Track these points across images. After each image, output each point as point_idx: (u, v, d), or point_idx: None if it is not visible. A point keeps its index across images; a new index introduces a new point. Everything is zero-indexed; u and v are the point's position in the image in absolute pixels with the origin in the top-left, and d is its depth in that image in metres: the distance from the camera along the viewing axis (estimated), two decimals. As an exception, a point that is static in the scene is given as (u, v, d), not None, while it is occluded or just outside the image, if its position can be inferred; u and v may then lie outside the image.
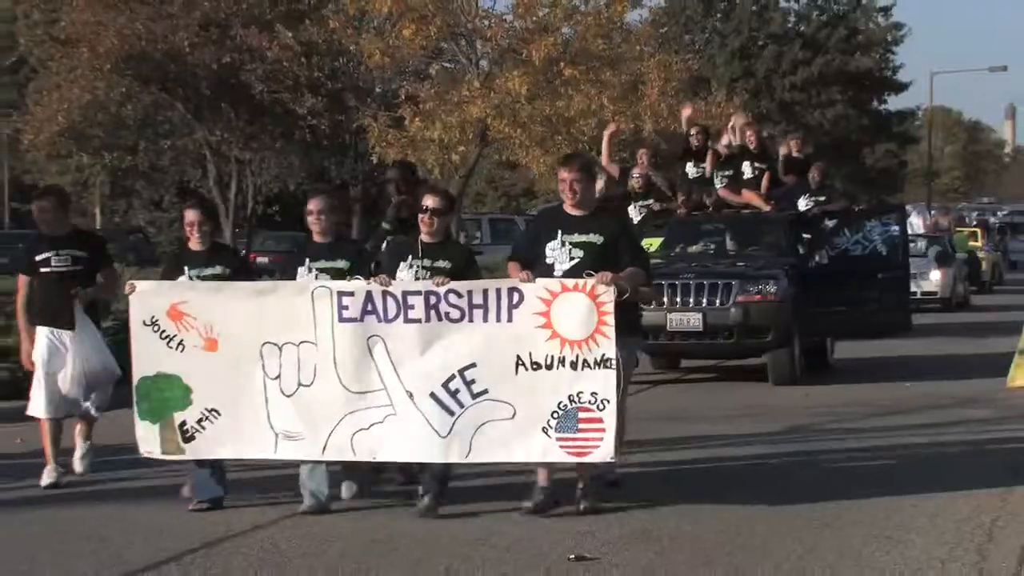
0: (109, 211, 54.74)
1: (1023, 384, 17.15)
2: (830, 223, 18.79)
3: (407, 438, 9.35)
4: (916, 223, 37.19)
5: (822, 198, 19.29)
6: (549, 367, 9.20)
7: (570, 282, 9.29)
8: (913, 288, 26.83)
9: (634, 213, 18.75)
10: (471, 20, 28.76)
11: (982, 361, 19.77)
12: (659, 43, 39.48)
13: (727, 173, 19.38)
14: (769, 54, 60.88)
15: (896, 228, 18.79)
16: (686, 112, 21.20)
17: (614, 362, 9.12)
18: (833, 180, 24.17)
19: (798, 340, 17.52)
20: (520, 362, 9.24)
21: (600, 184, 17.18)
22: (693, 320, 17.08)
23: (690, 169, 19.69)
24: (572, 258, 9.53)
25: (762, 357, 17.53)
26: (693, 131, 20.00)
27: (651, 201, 19.34)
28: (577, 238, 9.56)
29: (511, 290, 9.32)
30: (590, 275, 9.25)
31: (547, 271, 9.51)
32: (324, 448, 9.42)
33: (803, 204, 19.17)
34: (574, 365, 9.16)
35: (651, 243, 17.96)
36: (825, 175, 19.83)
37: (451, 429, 9.27)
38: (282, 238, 40.11)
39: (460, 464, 9.53)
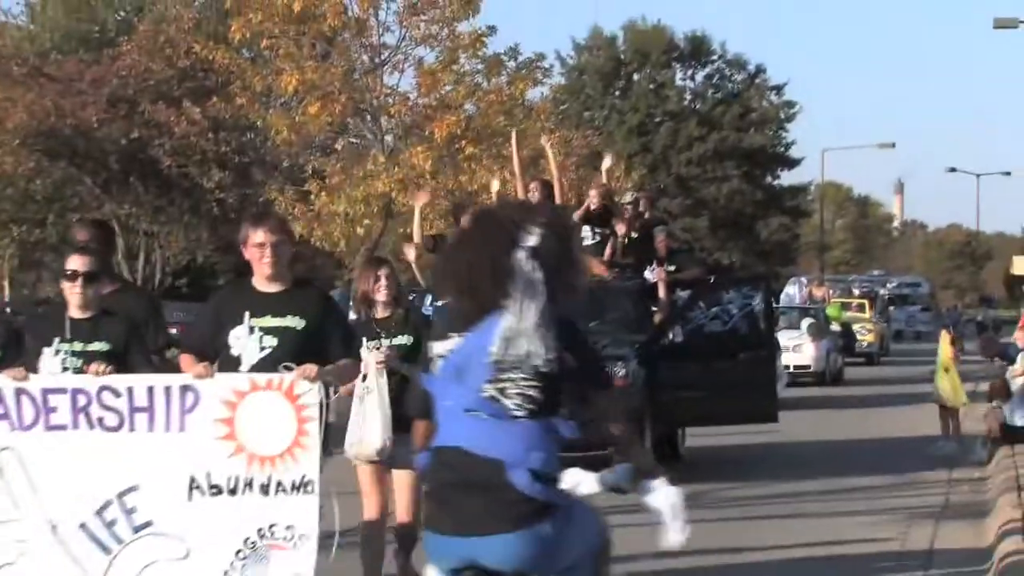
0: (18, 284, 54.15)
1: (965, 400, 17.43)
2: (683, 295, 16.00)
3: None
4: (793, 294, 36.42)
5: (671, 268, 16.25)
6: (233, 492, 6.96)
7: (262, 378, 7.02)
8: (785, 362, 25.89)
9: None
10: (376, 97, 28.90)
11: (859, 449, 18.49)
12: (559, 120, 39.89)
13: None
14: (666, 130, 61.72)
15: (759, 301, 15.95)
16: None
17: (316, 486, 6.90)
18: (685, 245, 21.54)
19: (649, 431, 14.63)
20: (195, 485, 6.97)
21: (411, 255, 15.31)
22: None
23: None
24: (263, 348, 7.20)
25: (608, 450, 14.91)
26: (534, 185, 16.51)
27: None
28: (270, 322, 7.24)
29: (184, 389, 7.02)
30: (288, 369, 7.01)
31: (231, 365, 7.19)
32: None
33: (650, 274, 16.19)
34: (265, 489, 6.94)
35: None
36: (671, 240, 17.18)
37: (106, 573, 7.00)
38: (191, 309, 39.87)
39: None
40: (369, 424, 8.05)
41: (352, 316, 8.68)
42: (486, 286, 4.60)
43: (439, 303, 15.35)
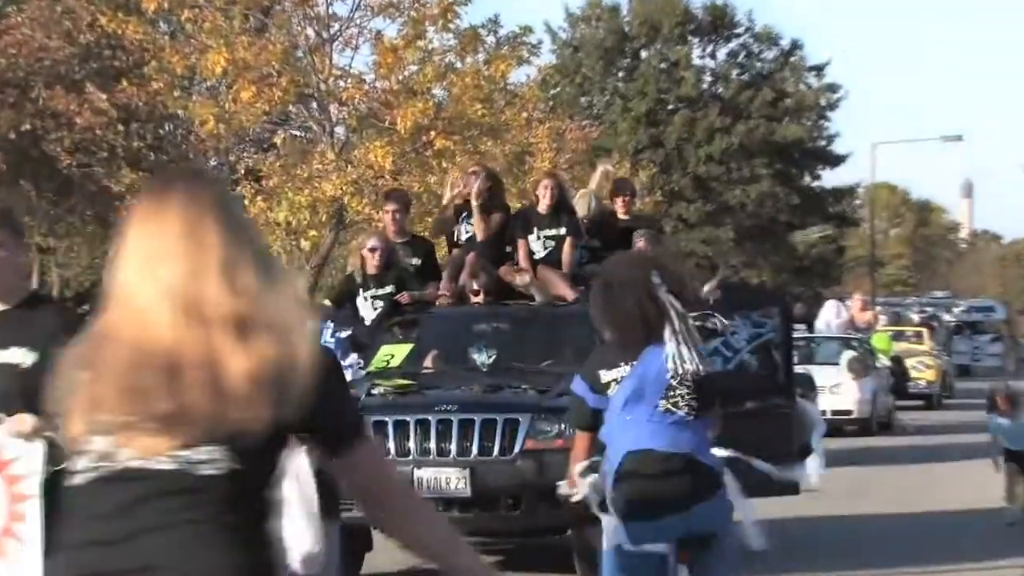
0: None
1: None
2: None
3: None
4: (831, 321, 35.95)
5: None
6: None
7: None
8: (822, 406, 25.46)
9: (365, 308, 15.19)
10: (324, 80, 28.92)
11: (915, 520, 17.67)
12: (550, 107, 40.01)
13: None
14: (680, 120, 61.83)
15: (775, 328, 14.66)
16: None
17: None
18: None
19: None
20: None
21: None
22: (455, 479, 12.92)
23: (461, 231, 15.82)
24: None
25: (568, 534, 13.24)
26: (474, 171, 16.01)
27: (390, 288, 15.18)
28: None
29: None
30: None
31: None
32: None
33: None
34: None
35: (392, 353, 14.61)
36: (656, 248, 15.31)
37: None
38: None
39: None
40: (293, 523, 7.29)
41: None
42: (653, 322, 7.26)
43: (342, 334, 15.09)
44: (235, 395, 3.46)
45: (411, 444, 13.04)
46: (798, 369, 18.66)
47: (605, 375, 7.42)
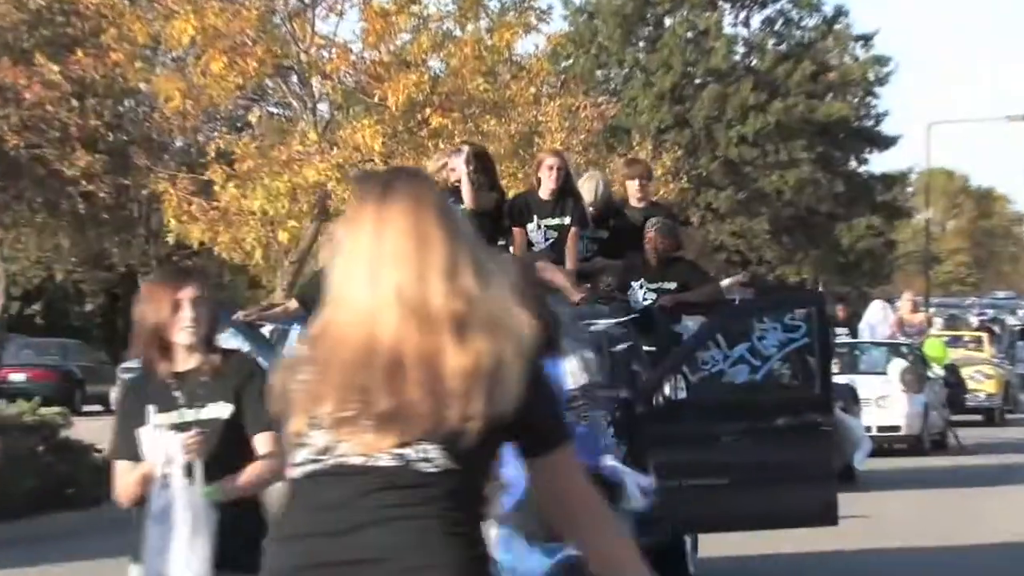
0: None
1: None
2: (691, 325, 14.60)
3: None
4: (877, 324, 35.69)
5: (670, 284, 14.82)
6: None
7: None
8: (867, 421, 25.08)
9: None
10: (305, 50, 28.95)
11: (973, 556, 17.34)
12: (561, 82, 40.03)
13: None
14: (709, 96, 61.75)
15: (809, 332, 14.17)
16: None
17: None
18: (689, 250, 17.57)
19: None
20: None
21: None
22: None
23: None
24: None
25: None
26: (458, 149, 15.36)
27: None
28: None
29: None
30: None
31: None
32: None
33: (640, 291, 14.78)
34: None
35: None
36: (676, 242, 15.28)
37: None
38: (46, 347, 39.80)
39: None
40: (175, 557, 6.90)
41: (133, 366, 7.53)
42: (551, 332, 7.67)
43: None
44: (453, 393, 3.94)
45: None
46: (839, 379, 18.64)
47: None
